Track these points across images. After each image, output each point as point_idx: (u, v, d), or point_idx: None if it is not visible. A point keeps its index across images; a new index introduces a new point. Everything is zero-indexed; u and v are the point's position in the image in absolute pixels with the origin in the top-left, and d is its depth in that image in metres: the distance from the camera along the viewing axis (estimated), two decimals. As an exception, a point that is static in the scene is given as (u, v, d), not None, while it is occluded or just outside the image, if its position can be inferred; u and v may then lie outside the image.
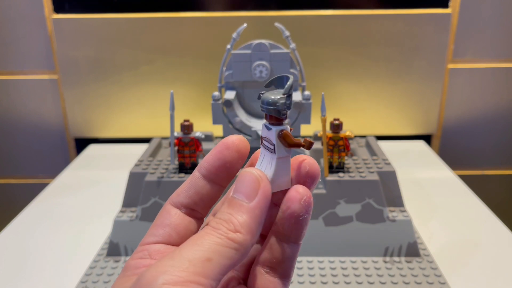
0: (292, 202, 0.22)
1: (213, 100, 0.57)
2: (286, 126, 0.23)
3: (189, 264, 0.19)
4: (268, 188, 0.22)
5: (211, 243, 0.20)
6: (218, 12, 0.82)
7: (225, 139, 0.23)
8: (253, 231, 0.21)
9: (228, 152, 0.23)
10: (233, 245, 0.20)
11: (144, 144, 0.88)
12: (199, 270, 0.19)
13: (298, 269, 0.51)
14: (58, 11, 0.83)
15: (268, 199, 0.22)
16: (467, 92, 0.88)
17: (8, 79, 0.87)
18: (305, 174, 0.23)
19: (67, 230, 0.62)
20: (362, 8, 0.82)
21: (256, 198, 0.21)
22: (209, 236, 0.20)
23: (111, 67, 0.85)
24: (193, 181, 0.24)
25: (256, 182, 0.22)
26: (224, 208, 0.22)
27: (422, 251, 0.54)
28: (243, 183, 0.22)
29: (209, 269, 0.19)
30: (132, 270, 0.22)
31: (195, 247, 0.20)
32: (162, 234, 0.23)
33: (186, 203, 0.24)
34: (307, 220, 0.22)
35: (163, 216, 0.24)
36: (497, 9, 0.82)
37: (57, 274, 0.53)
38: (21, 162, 0.93)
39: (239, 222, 0.21)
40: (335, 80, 0.86)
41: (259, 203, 0.21)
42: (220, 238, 0.20)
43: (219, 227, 0.21)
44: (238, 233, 0.20)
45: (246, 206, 0.21)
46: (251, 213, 0.21)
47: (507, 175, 0.94)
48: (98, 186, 0.74)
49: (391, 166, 0.57)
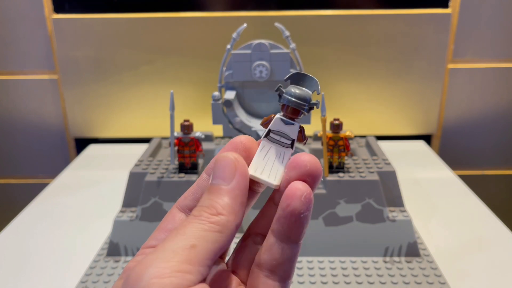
0: (292, 199, 0.21)
1: (213, 100, 0.57)
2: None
3: (173, 254, 0.19)
4: (244, 168, 0.22)
5: (194, 230, 0.20)
6: (218, 12, 0.82)
7: (233, 139, 0.24)
8: (235, 211, 0.21)
9: (236, 151, 0.23)
10: (216, 228, 0.20)
11: (144, 144, 0.88)
12: (184, 258, 0.19)
13: (298, 269, 0.51)
14: (58, 11, 0.83)
15: (246, 179, 0.22)
16: (467, 92, 0.88)
17: (8, 79, 0.87)
18: (306, 172, 0.22)
19: (67, 230, 0.62)
20: (362, 8, 0.82)
21: (234, 179, 0.21)
22: (191, 224, 0.20)
23: (111, 67, 0.85)
24: (200, 182, 0.24)
25: (232, 164, 0.22)
26: (204, 196, 0.22)
27: (422, 251, 0.54)
28: (219, 168, 0.22)
29: (195, 255, 0.19)
30: (127, 272, 0.22)
31: (178, 237, 0.20)
32: (162, 238, 0.23)
33: (193, 205, 0.23)
34: (307, 218, 0.22)
35: (167, 220, 0.24)
36: (497, 9, 0.82)
37: (57, 274, 0.53)
38: (21, 162, 0.93)
39: (220, 205, 0.21)
40: (335, 80, 0.86)
41: (238, 183, 0.21)
42: (203, 224, 0.20)
43: (200, 214, 0.21)
44: (220, 215, 0.20)
45: (225, 189, 0.21)
46: (231, 193, 0.21)
47: (507, 175, 0.94)
48: (98, 186, 0.74)
49: (391, 166, 0.57)
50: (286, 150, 0.23)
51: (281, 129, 0.23)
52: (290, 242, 0.22)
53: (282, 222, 0.22)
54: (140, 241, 0.54)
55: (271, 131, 0.23)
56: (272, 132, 0.23)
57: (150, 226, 0.54)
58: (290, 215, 0.21)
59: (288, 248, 0.22)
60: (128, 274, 0.19)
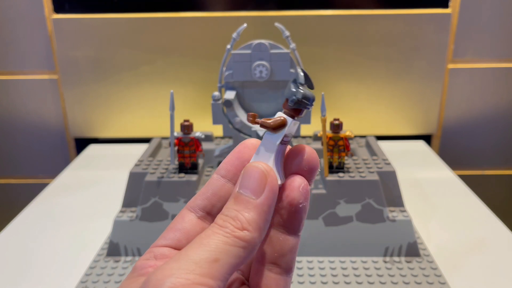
0: (291, 190, 0.22)
1: (213, 100, 0.57)
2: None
3: (196, 266, 0.19)
4: (275, 183, 0.21)
5: (218, 243, 0.19)
6: (218, 12, 0.82)
7: (244, 141, 0.24)
8: (260, 228, 0.20)
9: (247, 151, 0.23)
10: (240, 243, 0.20)
11: (144, 144, 0.88)
12: (206, 271, 0.19)
13: (298, 269, 0.51)
14: (58, 11, 0.83)
15: (275, 195, 0.21)
16: (467, 92, 0.88)
17: (8, 79, 0.87)
18: (303, 163, 0.22)
19: (67, 230, 0.62)
20: (362, 8, 0.82)
21: (263, 194, 0.21)
22: (216, 235, 0.20)
23: (111, 67, 0.85)
24: (211, 182, 0.24)
25: (263, 177, 0.21)
26: (230, 205, 0.21)
27: (422, 251, 0.54)
28: (250, 178, 0.21)
29: (216, 270, 0.19)
30: (138, 271, 0.22)
31: (202, 247, 0.19)
32: (172, 238, 0.23)
33: (203, 205, 0.23)
34: (306, 208, 0.22)
35: (177, 220, 0.23)
36: (497, 9, 0.82)
37: (57, 274, 0.53)
38: (21, 162, 0.93)
39: (246, 219, 0.20)
40: (335, 80, 0.86)
41: (267, 199, 0.21)
42: (227, 237, 0.20)
43: (225, 225, 0.20)
44: (246, 231, 0.20)
45: (254, 202, 0.21)
46: (259, 209, 0.21)
47: (507, 175, 0.94)
48: (98, 186, 0.74)
49: (391, 166, 0.57)
50: (283, 147, 0.23)
51: (291, 130, 0.23)
52: (290, 233, 0.22)
53: (281, 214, 0.22)
54: (140, 241, 0.54)
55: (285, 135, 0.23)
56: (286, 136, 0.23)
57: (150, 226, 0.54)
58: (289, 205, 0.22)
59: (288, 239, 0.22)
60: (148, 279, 0.19)
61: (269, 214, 0.21)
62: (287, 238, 0.22)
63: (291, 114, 0.23)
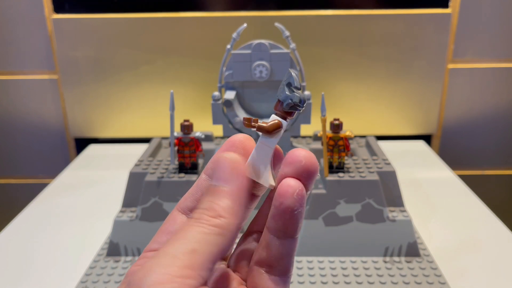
0: (284, 197, 0.21)
1: (213, 100, 0.57)
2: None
3: (174, 259, 0.19)
4: (241, 167, 0.22)
5: (194, 234, 0.19)
6: (218, 12, 0.82)
7: (231, 138, 0.23)
8: (237, 213, 0.21)
9: (234, 150, 0.23)
10: (216, 230, 0.20)
11: (144, 144, 0.88)
12: (185, 263, 0.19)
13: (298, 269, 0.51)
14: (58, 11, 0.83)
15: (246, 179, 0.21)
16: (467, 92, 0.88)
17: (8, 79, 0.87)
18: (301, 168, 0.22)
19: (67, 230, 0.62)
20: (362, 8, 0.82)
21: (234, 180, 0.21)
22: (192, 227, 0.20)
23: (111, 67, 0.85)
24: (199, 183, 0.23)
25: (231, 164, 0.21)
26: (204, 197, 0.21)
27: (422, 251, 0.54)
28: (219, 168, 0.21)
29: (195, 260, 0.19)
30: (128, 277, 0.22)
31: (179, 241, 0.19)
32: (164, 241, 0.23)
33: (193, 206, 0.23)
34: (302, 213, 0.22)
35: (168, 222, 0.23)
36: (497, 9, 0.82)
37: (57, 274, 0.53)
38: (21, 162, 0.93)
39: (221, 206, 0.20)
40: (335, 80, 0.86)
41: (238, 184, 0.21)
42: (203, 227, 0.20)
43: (201, 217, 0.20)
44: (221, 217, 0.20)
45: (225, 190, 0.21)
46: (232, 195, 0.21)
47: (507, 175, 0.94)
48: (98, 186, 0.74)
49: (391, 166, 0.57)
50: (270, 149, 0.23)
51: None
52: (286, 237, 0.22)
53: (276, 220, 0.22)
54: (140, 241, 0.54)
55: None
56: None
57: (150, 226, 0.54)
58: (284, 212, 0.21)
59: (285, 243, 0.22)
60: (130, 279, 0.19)
61: (244, 199, 0.21)
62: (283, 242, 0.22)
63: (283, 116, 0.23)
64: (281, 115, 0.23)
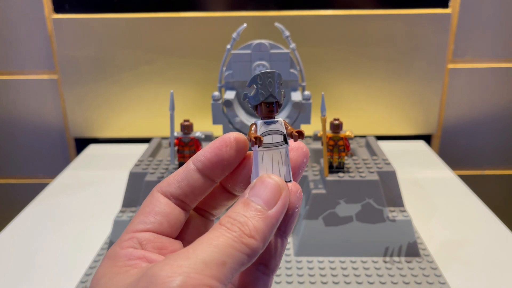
0: (291, 194, 0.22)
1: (213, 100, 0.57)
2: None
3: (205, 266, 0.19)
4: (287, 199, 0.22)
5: (226, 246, 0.19)
6: (218, 12, 0.82)
7: (225, 136, 0.23)
8: (266, 239, 0.21)
9: (227, 150, 0.23)
10: (246, 250, 0.20)
11: (144, 144, 0.88)
12: (214, 273, 0.19)
13: (298, 269, 0.51)
14: (58, 11, 0.83)
15: (285, 210, 0.22)
16: (467, 92, 0.88)
17: (8, 79, 0.87)
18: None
19: (67, 230, 0.62)
20: (362, 8, 0.82)
21: (275, 207, 0.21)
22: (224, 237, 0.20)
23: (111, 67, 0.85)
24: (187, 172, 0.23)
25: (278, 190, 0.22)
26: (239, 209, 0.21)
27: (422, 251, 0.54)
28: (265, 188, 0.21)
29: (223, 273, 0.19)
30: (124, 261, 0.21)
31: (211, 248, 0.19)
32: (152, 222, 0.22)
33: (177, 194, 0.23)
34: (298, 212, 0.23)
35: (153, 203, 0.23)
36: (497, 9, 0.82)
37: (57, 274, 0.53)
38: (21, 162, 0.93)
39: (255, 227, 0.20)
40: (335, 80, 0.86)
41: (278, 213, 0.21)
42: (235, 241, 0.20)
43: (233, 229, 0.20)
44: (253, 238, 0.20)
45: (265, 213, 0.21)
46: (268, 221, 0.21)
47: (507, 175, 0.94)
48: (98, 186, 0.74)
49: (391, 166, 0.57)
50: (281, 148, 0.23)
51: (269, 128, 0.23)
52: (282, 236, 0.23)
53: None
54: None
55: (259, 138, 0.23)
56: (263, 138, 0.23)
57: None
58: (287, 209, 0.22)
59: (279, 242, 0.23)
60: (152, 273, 0.19)
61: (275, 228, 0.21)
62: (279, 241, 0.23)
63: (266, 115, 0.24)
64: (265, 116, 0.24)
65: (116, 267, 0.21)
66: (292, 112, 0.56)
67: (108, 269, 0.21)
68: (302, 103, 0.56)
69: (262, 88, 0.23)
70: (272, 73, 0.23)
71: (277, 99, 0.23)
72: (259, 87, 0.23)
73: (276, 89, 0.23)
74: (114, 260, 0.21)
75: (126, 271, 0.21)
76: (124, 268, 0.21)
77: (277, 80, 0.23)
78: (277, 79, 0.23)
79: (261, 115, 0.23)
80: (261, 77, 0.23)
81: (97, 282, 0.21)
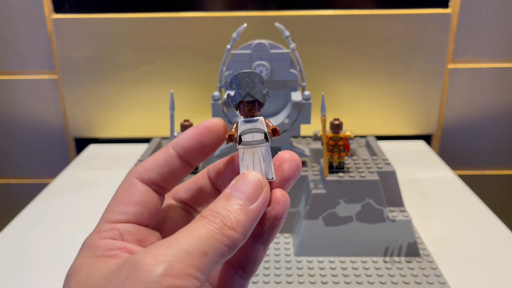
0: (278, 204, 0.23)
1: (213, 100, 0.57)
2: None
3: (187, 256, 0.19)
4: (268, 195, 0.23)
5: (208, 237, 0.20)
6: (218, 12, 0.82)
7: (207, 122, 0.23)
8: (246, 233, 0.21)
9: (210, 137, 0.23)
10: (227, 242, 0.20)
11: (144, 144, 0.88)
12: (196, 263, 0.19)
13: (298, 269, 0.51)
14: (58, 11, 0.83)
15: (265, 206, 0.22)
16: (467, 92, 0.88)
17: (8, 79, 0.87)
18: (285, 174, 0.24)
19: (67, 230, 0.62)
20: (362, 8, 0.82)
21: (256, 202, 0.22)
22: (206, 228, 0.20)
23: (111, 67, 0.85)
24: (167, 158, 0.23)
25: (259, 186, 0.22)
26: (221, 203, 0.21)
27: (422, 251, 0.54)
28: (247, 184, 0.22)
29: (204, 263, 0.19)
30: (103, 251, 0.21)
31: (193, 238, 0.20)
32: (133, 212, 0.22)
33: (156, 180, 0.23)
34: (283, 222, 0.24)
35: (132, 192, 0.23)
36: (497, 9, 0.82)
37: (57, 274, 0.53)
38: (21, 162, 0.93)
39: (236, 219, 0.21)
40: (335, 80, 0.86)
41: (259, 207, 0.22)
42: (216, 233, 0.20)
43: (215, 221, 0.20)
44: (234, 231, 0.20)
45: (246, 207, 0.21)
46: (249, 215, 0.21)
47: (507, 175, 0.94)
48: (98, 186, 0.74)
49: (391, 166, 0.57)
50: (263, 146, 0.23)
51: (250, 127, 0.23)
52: (264, 243, 0.23)
53: (264, 224, 0.23)
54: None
55: (241, 136, 0.24)
56: (243, 136, 0.23)
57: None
58: (274, 218, 0.23)
59: (262, 248, 0.23)
60: (135, 261, 0.19)
61: (256, 222, 0.22)
62: (260, 248, 0.23)
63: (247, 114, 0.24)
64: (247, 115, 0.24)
65: (96, 257, 0.21)
66: (292, 112, 0.56)
67: (87, 259, 0.21)
68: (302, 103, 0.56)
69: (239, 88, 0.23)
70: (249, 73, 0.23)
71: (256, 98, 0.23)
72: (237, 87, 0.24)
73: (254, 88, 0.23)
74: (93, 250, 0.21)
75: (106, 261, 0.20)
76: (104, 258, 0.21)
77: (256, 80, 0.23)
78: (255, 79, 0.23)
79: (242, 114, 0.24)
80: (238, 77, 0.24)
81: (76, 271, 0.21)
